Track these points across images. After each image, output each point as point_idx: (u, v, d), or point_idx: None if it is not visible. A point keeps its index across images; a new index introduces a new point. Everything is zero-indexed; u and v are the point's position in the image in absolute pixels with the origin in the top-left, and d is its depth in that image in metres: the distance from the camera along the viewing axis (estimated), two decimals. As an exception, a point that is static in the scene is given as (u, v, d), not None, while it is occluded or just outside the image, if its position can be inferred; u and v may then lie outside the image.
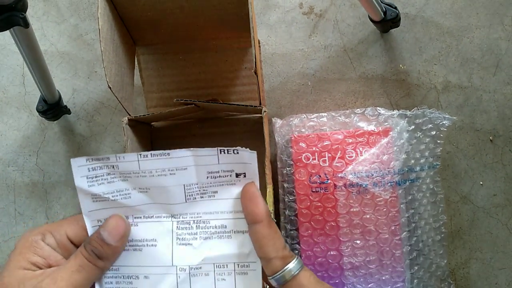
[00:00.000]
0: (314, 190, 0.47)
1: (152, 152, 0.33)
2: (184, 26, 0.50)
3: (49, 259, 0.33)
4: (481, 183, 0.55)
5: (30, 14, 0.42)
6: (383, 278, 0.48)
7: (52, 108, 0.55)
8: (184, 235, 0.35)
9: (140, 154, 0.33)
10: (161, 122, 0.55)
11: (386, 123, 0.49)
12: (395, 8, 0.54)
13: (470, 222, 0.55)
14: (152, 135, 0.56)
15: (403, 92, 0.57)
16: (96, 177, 0.34)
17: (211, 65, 0.55)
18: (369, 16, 0.56)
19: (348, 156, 0.48)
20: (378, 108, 0.50)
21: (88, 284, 0.33)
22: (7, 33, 0.41)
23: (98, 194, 0.34)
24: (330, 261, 0.48)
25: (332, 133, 0.48)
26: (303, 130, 0.49)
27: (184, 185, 0.34)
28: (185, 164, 0.33)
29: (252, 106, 0.45)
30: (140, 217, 0.35)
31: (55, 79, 0.56)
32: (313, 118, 0.50)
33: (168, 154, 0.33)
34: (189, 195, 0.35)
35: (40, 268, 0.32)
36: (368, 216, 0.47)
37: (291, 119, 0.50)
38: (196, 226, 0.35)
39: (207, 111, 0.51)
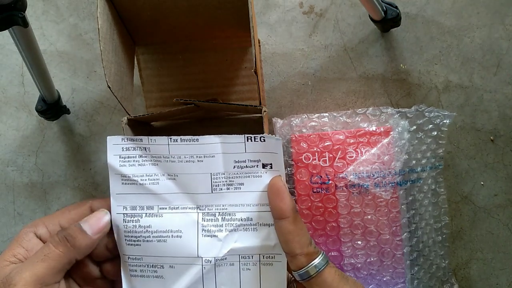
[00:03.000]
0: (315, 190, 0.47)
1: (182, 137, 0.34)
2: (184, 26, 0.50)
3: (31, 251, 0.33)
4: (482, 183, 0.55)
5: (29, 13, 0.42)
6: (384, 279, 0.48)
7: (51, 107, 0.55)
8: (209, 226, 0.35)
9: (171, 138, 0.34)
10: (160, 122, 0.55)
11: (387, 123, 0.48)
12: (396, 7, 0.54)
13: (471, 223, 0.54)
14: (152, 135, 0.55)
15: (403, 92, 0.57)
16: (128, 157, 0.35)
17: (211, 65, 0.55)
18: (369, 16, 0.56)
19: (349, 157, 0.47)
20: (381, 107, 0.49)
21: (55, 274, 0.32)
22: (6, 32, 0.41)
23: (127, 175, 0.35)
24: (330, 261, 0.48)
25: (334, 133, 0.48)
26: (304, 130, 0.49)
27: (211, 173, 0.34)
28: (213, 151, 0.34)
29: (252, 106, 0.45)
30: (166, 208, 0.35)
31: (54, 79, 0.56)
32: (314, 118, 0.50)
33: (197, 140, 0.34)
34: (215, 185, 0.35)
35: (20, 260, 0.32)
36: (369, 216, 0.47)
37: (292, 119, 0.50)
38: (222, 218, 0.35)
39: (206, 111, 0.50)
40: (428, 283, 0.49)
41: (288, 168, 0.49)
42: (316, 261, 0.33)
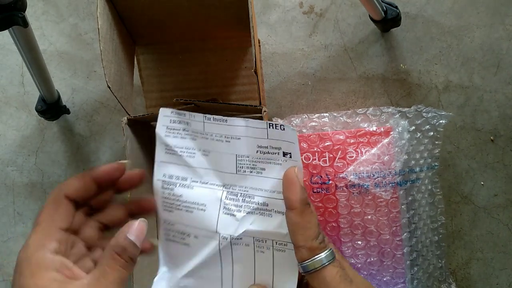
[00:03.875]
0: (315, 190, 0.47)
1: (214, 116, 0.36)
2: (183, 26, 0.50)
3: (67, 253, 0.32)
4: (482, 183, 0.55)
5: (29, 13, 0.42)
6: (384, 279, 0.48)
7: (51, 108, 0.55)
8: (230, 205, 0.36)
9: (205, 116, 0.37)
10: (160, 122, 0.55)
11: (388, 123, 0.48)
12: (396, 7, 0.54)
13: (471, 223, 0.54)
14: (152, 134, 0.55)
15: (404, 92, 0.57)
16: (174, 129, 0.37)
17: (211, 65, 0.55)
18: (369, 16, 0.56)
19: (349, 157, 0.47)
20: (382, 107, 0.49)
21: None
22: (6, 32, 0.41)
23: (170, 146, 0.37)
24: (330, 261, 0.48)
25: (334, 133, 0.48)
26: (304, 130, 0.49)
27: (236, 155, 0.36)
28: (239, 133, 0.36)
29: (252, 106, 0.45)
30: (197, 182, 0.37)
31: (54, 79, 0.56)
32: (315, 118, 0.50)
33: (226, 120, 0.36)
34: (240, 167, 0.36)
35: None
36: (369, 216, 0.47)
37: (292, 119, 0.50)
38: (242, 199, 0.36)
39: (206, 111, 0.50)
40: (426, 283, 0.49)
41: (288, 168, 0.49)
42: (318, 257, 0.33)
